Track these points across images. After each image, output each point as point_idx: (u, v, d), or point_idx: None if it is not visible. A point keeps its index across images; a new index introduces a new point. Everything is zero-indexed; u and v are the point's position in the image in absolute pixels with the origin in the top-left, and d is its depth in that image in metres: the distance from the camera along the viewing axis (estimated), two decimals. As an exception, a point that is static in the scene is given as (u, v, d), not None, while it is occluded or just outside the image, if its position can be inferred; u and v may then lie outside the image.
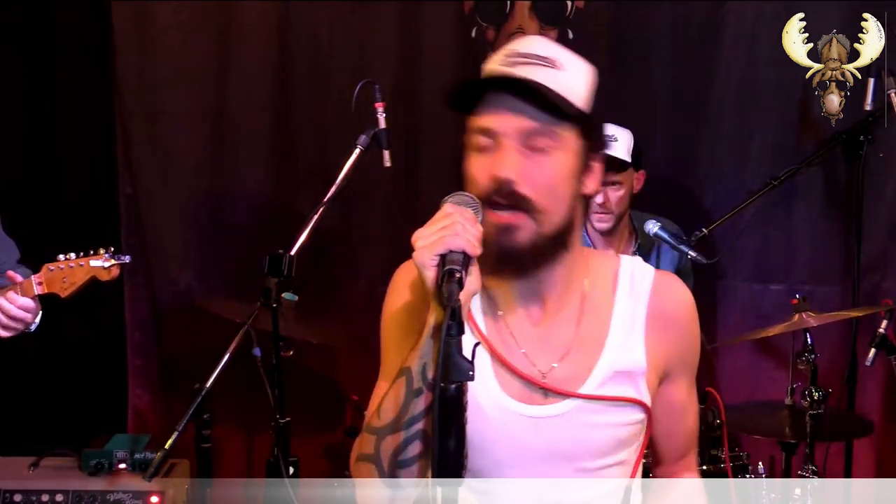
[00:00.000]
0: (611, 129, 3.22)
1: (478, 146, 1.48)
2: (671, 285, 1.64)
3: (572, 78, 1.48)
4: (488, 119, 1.46)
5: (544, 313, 1.56)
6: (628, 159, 3.19)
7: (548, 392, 1.52)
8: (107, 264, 2.65)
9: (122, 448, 3.13)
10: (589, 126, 1.50)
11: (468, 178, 1.49)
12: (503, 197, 1.44)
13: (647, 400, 1.57)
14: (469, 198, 1.42)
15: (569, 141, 1.47)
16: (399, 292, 1.61)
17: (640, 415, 1.57)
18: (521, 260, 1.47)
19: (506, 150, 1.44)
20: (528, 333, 1.56)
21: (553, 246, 1.49)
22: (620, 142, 3.20)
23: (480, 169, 1.47)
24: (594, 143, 1.52)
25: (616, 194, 3.19)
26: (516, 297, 1.56)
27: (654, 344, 1.57)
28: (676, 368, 1.62)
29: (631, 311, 1.58)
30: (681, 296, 1.63)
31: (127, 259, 2.70)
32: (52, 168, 3.73)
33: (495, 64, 1.49)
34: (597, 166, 1.54)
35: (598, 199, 3.16)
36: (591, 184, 1.53)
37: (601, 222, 3.21)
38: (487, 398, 1.52)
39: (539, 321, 1.56)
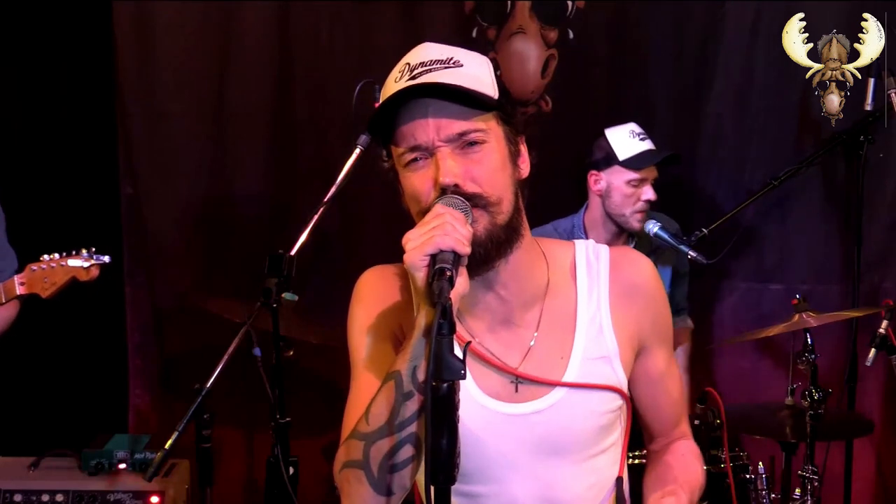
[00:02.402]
0: (639, 127, 3.24)
1: (409, 163, 1.48)
2: (628, 256, 1.65)
3: (474, 70, 1.49)
4: (411, 135, 1.46)
5: (509, 308, 1.56)
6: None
7: (526, 384, 1.52)
8: (86, 264, 2.65)
9: (122, 448, 3.14)
10: (506, 111, 1.51)
11: (410, 196, 1.49)
12: None
13: (625, 384, 1.58)
14: (459, 200, 1.43)
15: (494, 130, 1.49)
16: (366, 299, 1.61)
17: (618, 401, 1.58)
18: (483, 253, 1.46)
19: (440, 156, 1.45)
20: (495, 331, 1.56)
21: (508, 234, 1.49)
22: (650, 139, 3.24)
23: (421, 182, 1.47)
24: (516, 126, 1.53)
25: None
26: (478, 297, 1.55)
27: (621, 319, 1.58)
28: (650, 338, 1.62)
29: (594, 293, 1.58)
30: (640, 265, 1.64)
31: (106, 259, 2.69)
32: (53, 169, 3.73)
33: (395, 83, 1.49)
34: (524, 149, 1.55)
35: (650, 195, 3.20)
36: (525, 167, 1.55)
37: (642, 221, 3.23)
38: (468, 401, 1.50)
39: (505, 317, 1.56)
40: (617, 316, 1.58)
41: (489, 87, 1.49)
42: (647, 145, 3.22)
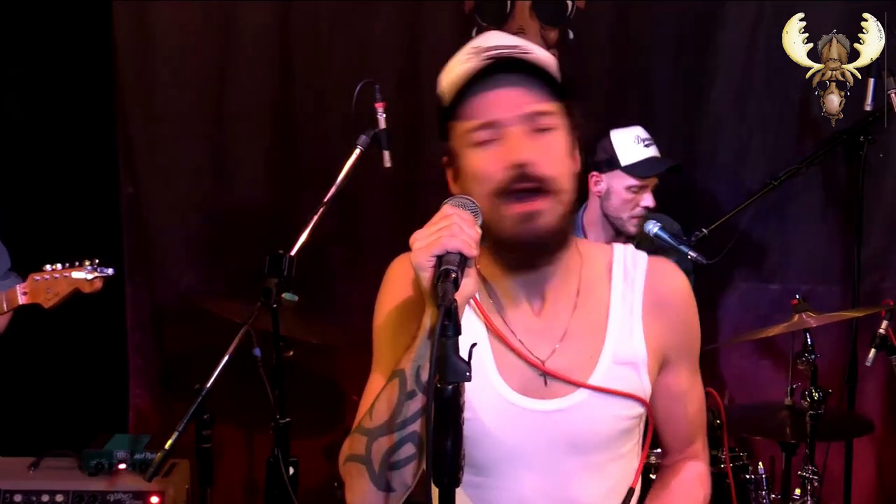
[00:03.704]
0: (645, 132, 3.22)
1: (478, 142, 1.46)
2: (666, 269, 1.64)
3: (544, 58, 1.50)
4: (487, 111, 1.45)
5: (543, 305, 1.56)
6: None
7: (552, 381, 1.52)
8: (90, 276, 2.66)
9: (122, 448, 3.14)
10: (569, 103, 1.52)
11: (475, 176, 1.47)
12: (524, 182, 1.44)
13: (648, 393, 1.57)
14: (469, 200, 1.42)
15: (560, 118, 1.49)
16: (393, 287, 1.60)
17: (640, 409, 1.57)
18: (546, 246, 1.48)
19: (514, 136, 1.44)
20: (527, 326, 1.56)
21: (566, 225, 1.50)
22: (655, 145, 3.22)
23: (489, 161, 1.45)
24: (574, 120, 1.54)
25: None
26: (517, 291, 1.56)
27: (652, 330, 1.57)
28: (675, 354, 1.61)
29: (628, 299, 1.58)
30: (676, 279, 1.64)
31: (110, 272, 2.69)
32: (53, 168, 3.73)
33: (467, 63, 1.47)
34: (577, 145, 1.55)
35: (650, 202, 3.18)
36: (578, 162, 1.55)
37: (638, 226, 3.22)
38: (491, 394, 1.52)
39: (538, 313, 1.56)
40: (648, 324, 1.57)
41: (557, 77, 1.50)
42: (652, 152, 3.19)
